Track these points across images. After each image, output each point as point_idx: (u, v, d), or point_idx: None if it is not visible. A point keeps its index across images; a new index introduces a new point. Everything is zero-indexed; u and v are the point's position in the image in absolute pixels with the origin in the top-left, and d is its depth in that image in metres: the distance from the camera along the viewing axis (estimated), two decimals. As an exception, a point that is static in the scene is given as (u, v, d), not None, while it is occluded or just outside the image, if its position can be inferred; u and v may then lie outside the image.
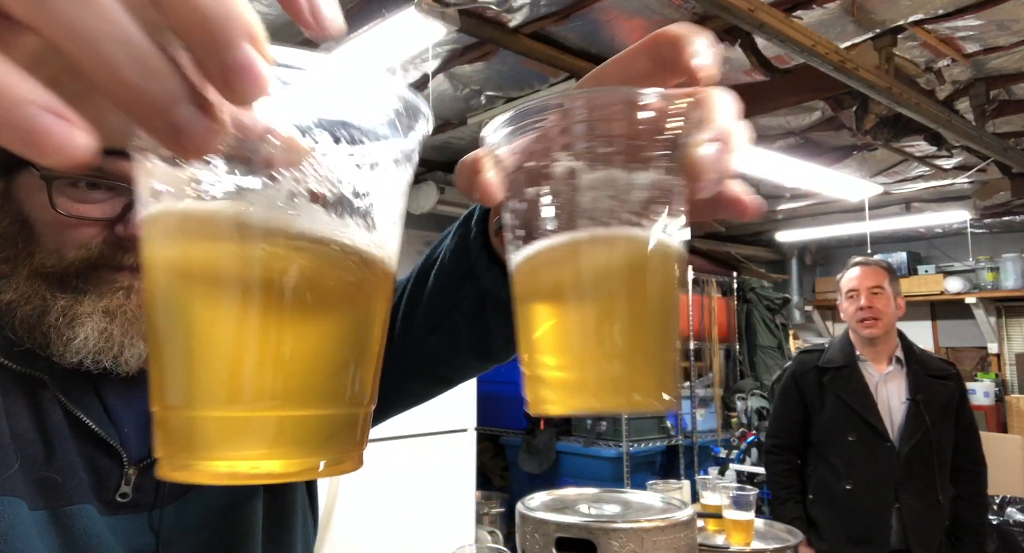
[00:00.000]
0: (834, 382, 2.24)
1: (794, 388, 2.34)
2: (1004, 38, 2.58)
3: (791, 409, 2.33)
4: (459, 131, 3.64)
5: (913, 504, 2.11)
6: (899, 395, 2.23)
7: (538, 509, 1.26)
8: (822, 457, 2.24)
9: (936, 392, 2.21)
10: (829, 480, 2.20)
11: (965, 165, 4.19)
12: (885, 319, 2.22)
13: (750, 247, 6.57)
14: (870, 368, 2.26)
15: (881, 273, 2.27)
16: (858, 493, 2.14)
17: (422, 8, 2.05)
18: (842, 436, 2.19)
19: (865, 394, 2.21)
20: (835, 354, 2.29)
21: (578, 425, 4.00)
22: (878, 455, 2.15)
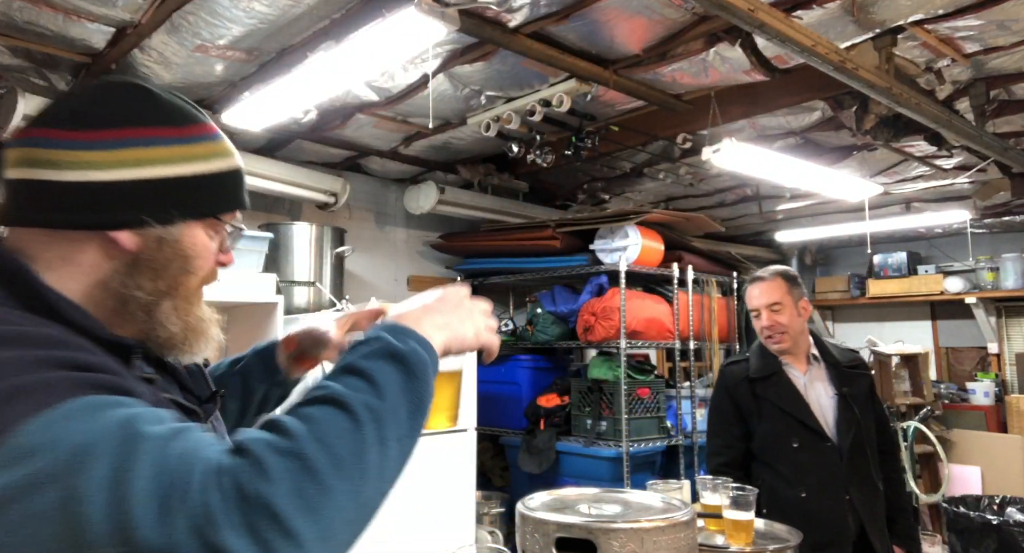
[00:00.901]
0: (766, 391, 2.25)
1: (729, 402, 2.33)
2: (1004, 38, 2.58)
3: (731, 423, 2.32)
4: (459, 131, 3.64)
5: (860, 497, 2.15)
6: (826, 392, 2.26)
7: (538, 509, 1.26)
8: (769, 467, 2.23)
9: (857, 384, 2.27)
10: (781, 491, 2.17)
11: (965, 165, 4.19)
12: (790, 332, 2.27)
13: (750, 247, 6.56)
14: (793, 371, 2.29)
15: (779, 286, 2.29)
16: (812, 498, 2.14)
17: (422, 8, 2.05)
18: (785, 444, 2.19)
19: (797, 397, 2.22)
20: (759, 363, 2.31)
21: (578, 425, 4.00)
22: (823, 457, 2.16)
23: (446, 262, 4.93)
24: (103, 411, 0.61)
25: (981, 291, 5.75)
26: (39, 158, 0.75)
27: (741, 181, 4.70)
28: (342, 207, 4.10)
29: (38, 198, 0.75)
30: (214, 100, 3.14)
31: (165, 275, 0.79)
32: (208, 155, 0.82)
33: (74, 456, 0.57)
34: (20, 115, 2.72)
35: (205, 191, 0.81)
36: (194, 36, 2.48)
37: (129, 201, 0.76)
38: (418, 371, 0.74)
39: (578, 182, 4.91)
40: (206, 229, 0.83)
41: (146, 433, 0.59)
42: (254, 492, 0.58)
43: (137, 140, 0.77)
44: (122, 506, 0.55)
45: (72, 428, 0.58)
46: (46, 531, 0.55)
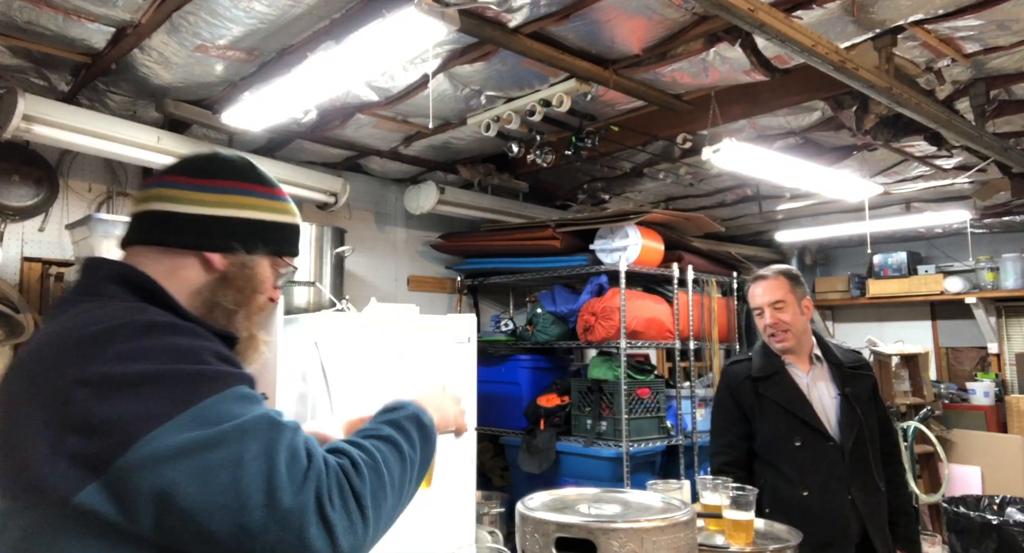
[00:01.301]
0: (769, 390, 2.25)
1: (732, 402, 2.33)
2: (1004, 38, 2.58)
3: (734, 423, 2.32)
4: (459, 131, 3.64)
5: (862, 497, 2.15)
6: (829, 392, 2.26)
7: (538, 509, 1.26)
8: (771, 467, 2.23)
9: (860, 384, 2.27)
10: (783, 490, 2.18)
11: (965, 165, 4.18)
12: (793, 330, 2.27)
13: (750, 247, 6.56)
14: (796, 370, 2.29)
15: (782, 284, 2.29)
16: (814, 498, 2.14)
17: (422, 8, 2.05)
18: (788, 443, 2.19)
19: (800, 397, 2.22)
20: (762, 362, 2.31)
21: (578, 425, 3.99)
22: (826, 456, 2.16)
23: (446, 262, 4.93)
24: (254, 400, 0.88)
25: (981, 291, 5.75)
26: (164, 195, 1.03)
27: (741, 181, 4.70)
28: (342, 207, 4.10)
29: (159, 224, 1.02)
30: (214, 100, 3.14)
31: (243, 291, 1.05)
32: (283, 210, 1.11)
33: (240, 430, 0.82)
34: (20, 115, 2.72)
35: (278, 235, 1.09)
36: (194, 36, 2.48)
37: (225, 232, 1.03)
38: (431, 436, 1.06)
39: (578, 182, 4.91)
40: (271, 264, 1.10)
41: (283, 424, 0.86)
42: (351, 485, 0.87)
43: (237, 190, 1.05)
44: (271, 474, 0.80)
45: (236, 409, 0.84)
46: (218, 480, 0.79)
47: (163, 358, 0.84)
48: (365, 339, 3.10)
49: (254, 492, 0.79)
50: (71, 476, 0.78)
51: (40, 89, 2.98)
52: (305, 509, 0.80)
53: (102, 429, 0.79)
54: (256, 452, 0.81)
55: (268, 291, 1.10)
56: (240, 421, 0.82)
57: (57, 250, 3.37)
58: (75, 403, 0.80)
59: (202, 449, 0.79)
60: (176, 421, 0.80)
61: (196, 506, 0.78)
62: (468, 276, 4.87)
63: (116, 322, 0.87)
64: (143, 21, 2.43)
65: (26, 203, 3.25)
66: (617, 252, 3.96)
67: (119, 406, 0.80)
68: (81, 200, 3.47)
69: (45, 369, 0.84)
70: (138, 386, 0.81)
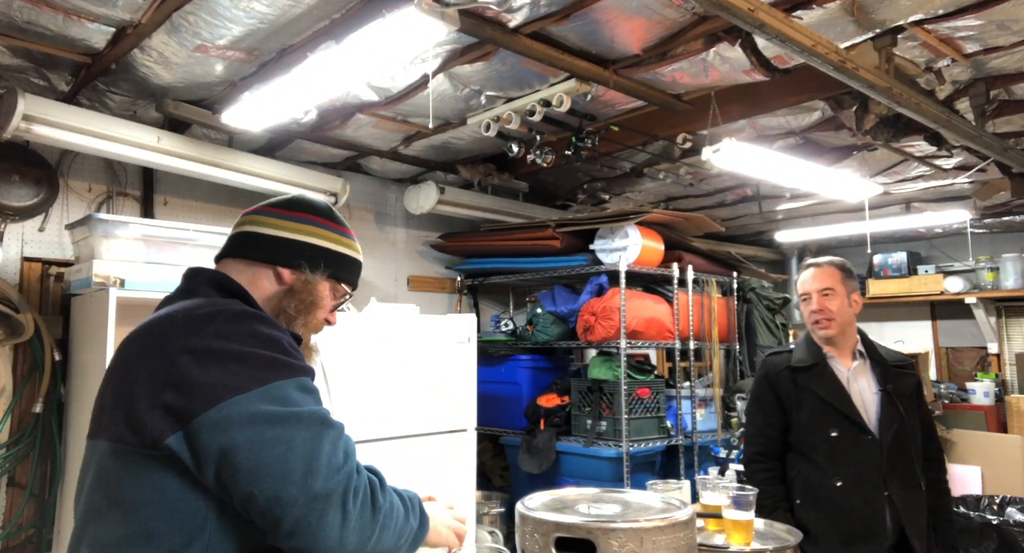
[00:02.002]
0: (808, 381, 2.23)
1: (769, 391, 2.31)
2: (1004, 38, 2.58)
3: (769, 413, 2.30)
4: (459, 131, 3.64)
5: (900, 495, 2.11)
6: (870, 387, 2.23)
7: (538, 509, 1.26)
8: (805, 457, 2.21)
9: (903, 382, 2.24)
10: (816, 480, 2.16)
11: (965, 165, 4.18)
12: (838, 319, 2.25)
13: (750, 247, 6.57)
14: (838, 364, 2.26)
15: (832, 274, 2.28)
16: (848, 489, 2.11)
17: (422, 8, 2.05)
18: (824, 433, 2.17)
19: (839, 390, 2.20)
20: (803, 354, 2.29)
21: (578, 425, 3.99)
22: (862, 449, 2.14)
23: (446, 262, 4.93)
24: (313, 392, 1.07)
25: (981, 291, 5.75)
26: (255, 221, 1.28)
27: (741, 181, 4.70)
28: (342, 207, 4.10)
29: (247, 242, 1.26)
30: (214, 100, 3.14)
31: (304, 302, 1.25)
32: (347, 245, 1.33)
33: (297, 417, 1.01)
34: (20, 115, 2.72)
35: (338, 262, 1.30)
36: (194, 36, 2.48)
37: (297, 252, 1.25)
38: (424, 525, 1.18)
39: (578, 182, 4.91)
40: (331, 288, 1.30)
41: (331, 422, 1.06)
42: (373, 494, 1.05)
43: (310, 221, 1.28)
44: (312, 459, 0.98)
45: (299, 397, 1.04)
46: (271, 452, 0.97)
47: (249, 341, 1.04)
48: (365, 339, 3.10)
49: (295, 470, 0.96)
50: (164, 424, 0.98)
51: (40, 89, 2.98)
52: (332, 495, 0.97)
53: (193, 389, 0.99)
54: (305, 438, 0.99)
55: (325, 310, 1.31)
56: (299, 409, 1.01)
57: (57, 250, 3.37)
58: (177, 366, 1.00)
59: (265, 423, 0.98)
60: (250, 394, 0.99)
61: (247, 468, 0.96)
62: (468, 276, 4.87)
63: (215, 309, 1.09)
64: (143, 21, 2.43)
65: (26, 203, 3.25)
66: (617, 252, 3.96)
67: (209, 373, 1.00)
68: (81, 200, 3.47)
69: (156, 339, 1.07)
70: (227, 360, 1.01)
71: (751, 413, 2.40)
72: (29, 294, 3.24)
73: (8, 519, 3.11)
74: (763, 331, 4.69)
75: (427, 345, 3.34)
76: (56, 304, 3.30)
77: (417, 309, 3.51)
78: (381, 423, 3.08)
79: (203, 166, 3.33)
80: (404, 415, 3.18)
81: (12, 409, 3.13)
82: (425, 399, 3.27)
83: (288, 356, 1.07)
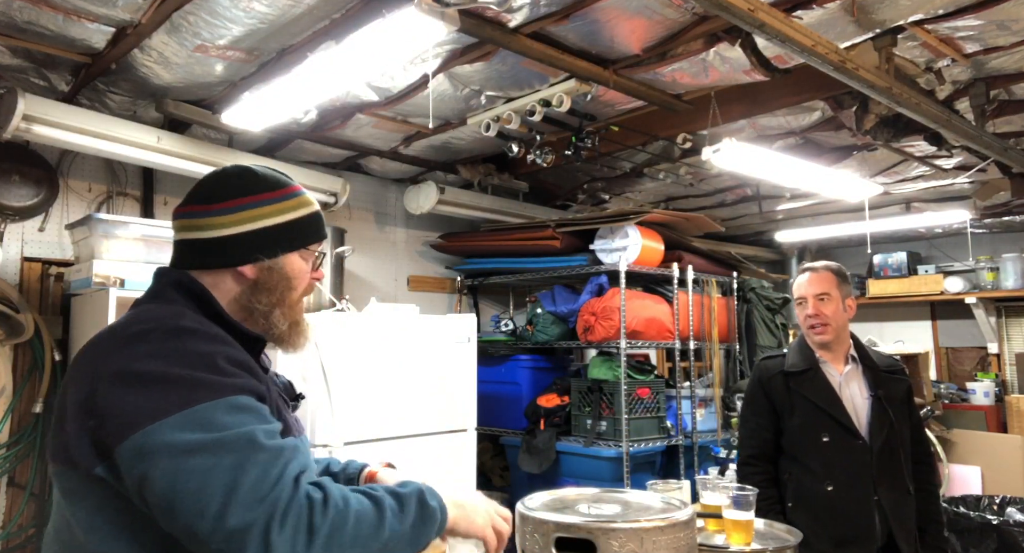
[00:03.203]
0: (801, 385, 2.25)
1: (762, 395, 2.33)
2: (1004, 38, 2.58)
3: (762, 417, 2.32)
4: (459, 131, 3.64)
5: (891, 498, 2.14)
6: (861, 393, 2.26)
7: (538, 509, 1.26)
8: (797, 461, 2.24)
9: (894, 388, 2.27)
10: (808, 484, 2.19)
11: (965, 165, 4.18)
12: (834, 324, 2.26)
13: (750, 247, 6.57)
14: (831, 369, 2.28)
15: (828, 278, 2.30)
16: (839, 493, 2.14)
17: (422, 8, 2.05)
18: (816, 438, 2.19)
19: (831, 395, 2.23)
20: (796, 358, 2.31)
21: (578, 425, 3.99)
22: (853, 454, 2.16)
23: (446, 262, 4.93)
24: (248, 411, 0.98)
25: (981, 291, 5.75)
26: (188, 225, 1.17)
27: (741, 181, 4.70)
28: (342, 207, 4.10)
29: (191, 252, 1.17)
30: (214, 100, 3.15)
31: (275, 291, 1.17)
32: (293, 207, 1.20)
33: (219, 444, 0.91)
34: (20, 115, 2.72)
35: (296, 231, 1.20)
36: (194, 36, 2.48)
37: (247, 246, 1.15)
38: (427, 520, 1.06)
39: (578, 182, 4.91)
40: (301, 256, 1.21)
41: (262, 444, 0.94)
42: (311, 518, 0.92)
43: (245, 206, 1.16)
44: (230, 490, 0.89)
45: (226, 419, 0.94)
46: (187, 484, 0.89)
47: (175, 361, 0.97)
48: (365, 339, 3.10)
49: (211, 502, 0.88)
50: (90, 453, 0.95)
51: (40, 89, 2.98)
52: (250, 529, 0.88)
53: (112, 417, 0.94)
54: (227, 465, 0.90)
55: (303, 280, 1.22)
56: (222, 434, 0.92)
57: (57, 250, 3.37)
58: (99, 391, 0.96)
59: (182, 453, 0.90)
60: (169, 420, 0.92)
61: (164, 501, 0.89)
62: (468, 276, 4.87)
63: (146, 326, 1.02)
64: (143, 21, 2.43)
65: (26, 203, 3.25)
66: (617, 252, 3.96)
67: (129, 399, 0.94)
68: (81, 200, 3.47)
69: (88, 359, 1.02)
70: (149, 383, 0.95)
71: (744, 416, 2.42)
72: (29, 294, 3.24)
73: (8, 519, 3.11)
74: (763, 331, 4.69)
75: (427, 345, 3.34)
76: (56, 304, 3.30)
77: (417, 309, 3.51)
78: (381, 423, 3.08)
79: (203, 166, 3.33)
80: (404, 415, 3.18)
81: (12, 409, 3.13)
82: (425, 399, 3.27)
83: (220, 375, 0.98)
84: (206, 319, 1.09)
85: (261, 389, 1.04)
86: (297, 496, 0.92)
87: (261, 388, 1.04)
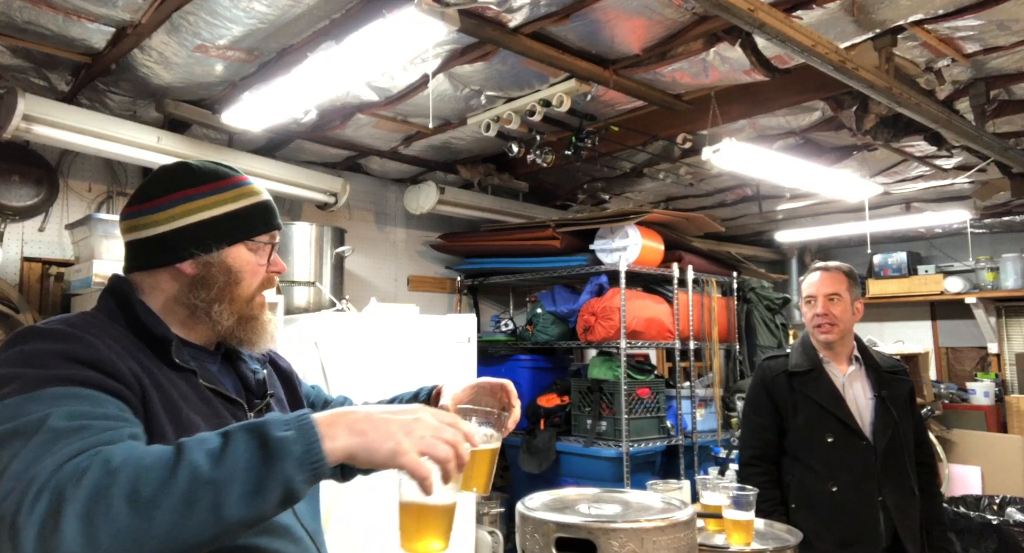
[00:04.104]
0: (804, 385, 2.25)
1: (765, 395, 2.33)
2: (1004, 38, 2.58)
3: (765, 417, 2.32)
4: (459, 131, 3.64)
5: (894, 499, 2.14)
6: (864, 393, 2.26)
7: (538, 509, 1.26)
8: (800, 462, 2.23)
9: (897, 389, 2.27)
10: (811, 484, 2.18)
11: (965, 165, 4.18)
12: (841, 325, 2.26)
13: (750, 247, 6.56)
14: (834, 369, 2.28)
15: (840, 279, 2.29)
16: (843, 494, 2.14)
17: (422, 8, 2.05)
18: (820, 438, 2.19)
19: (835, 395, 2.22)
20: (800, 358, 2.30)
21: (578, 425, 4.00)
22: (857, 454, 2.16)
23: (446, 262, 4.93)
24: (56, 401, 0.86)
25: (981, 291, 5.75)
26: (129, 226, 1.15)
27: (741, 181, 4.70)
28: (342, 207, 4.10)
29: (133, 253, 1.15)
30: (214, 100, 3.14)
31: (216, 286, 1.12)
32: (234, 198, 1.15)
33: (13, 431, 0.83)
34: (20, 115, 2.72)
35: (237, 223, 1.14)
36: (194, 36, 2.48)
37: (182, 242, 1.11)
38: (275, 461, 0.80)
39: (578, 182, 4.91)
40: (249, 249, 1.15)
41: (50, 427, 0.83)
42: (62, 495, 0.76)
43: (177, 200, 1.13)
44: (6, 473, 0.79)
45: (33, 408, 0.85)
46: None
47: (10, 362, 0.93)
48: (365, 339, 3.10)
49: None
50: None
51: (40, 89, 2.98)
52: (3, 516, 0.77)
53: None
54: (6, 455, 0.81)
55: (253, 274, 1.16)
56: (16, 424, 0.84)
57: (57, 250, 3.37)
58: None
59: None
60: None
61: None
62: (468, 276, 4.87)
63: (21, 330, 1.00)
64: (143, 21, 2.43)
65: (26, 203, 3.25)
66: (617, 252, 3.96)
67: None
68: (81, 200, 3.47)
69: None
70: None
71: (747, 417, 2.41)
72: (29, 294, 3.24)
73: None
74: (763, 331, 4.69)
75: (427, 345, 3.34)
76: (56, 304, 3.30)
77: (417, 309, 3.51)
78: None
79: (203, 166, 3.33)
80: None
81: (12, 409, 3.13)
82: (425, 399, 3.27)
83: (42, 368, 0.90)
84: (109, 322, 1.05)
85: (108, 384, 0.93)
86: (60, 471, 0.78)
87: (109, 383, 0.93)
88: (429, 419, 0.89)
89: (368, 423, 0.86)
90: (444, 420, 0.91)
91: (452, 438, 0.89)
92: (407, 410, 0.90)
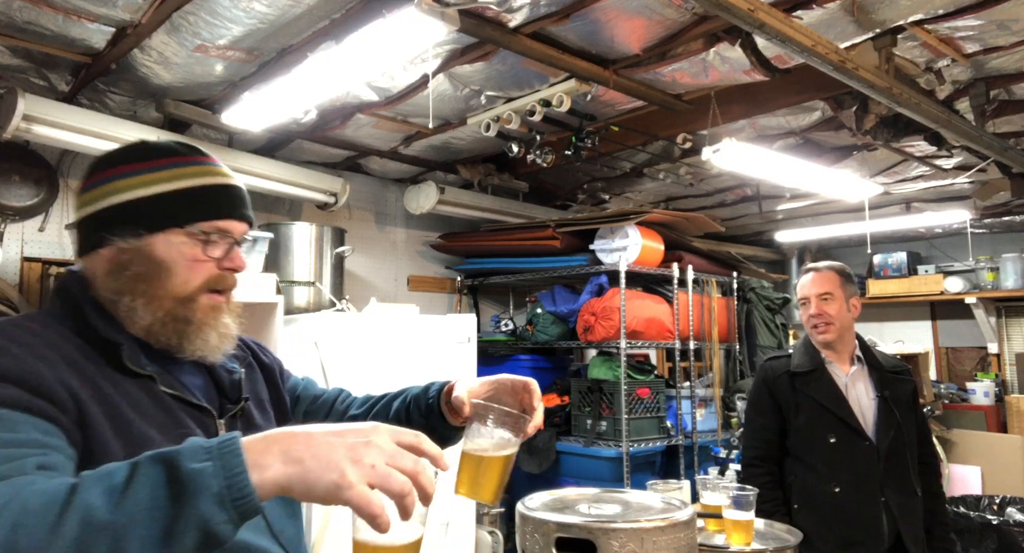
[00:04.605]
0: (807, 386, 2.24)
1: (767, 396, 2.32)
2: (1004, 38, 2.58)
3: (768, 417, 2.31)
4: (459, 131, 3.64)
5: (897, 500, 2.13)
6: (867, 393, 2.25)
7: (538, 509, 1.26)
8: (803, 462, 2.23)
9: (900, 389, 2.27)
10: (813, 485, 2.18)
11: (965, 165, 4.18)
12: (837, 324, 2.26)
13: (750, 247, 6.56)
14: (836, 369, 2.28)
15: (831, 278, 2.29)
16: (846, 494, 2.13)
17: (422, 8, 2.05)
18: (822, 439, 2.19)
19: (838, 395, 2.22)
20: (802, 359, 2.30)
21: (578, 425, 4.00)
22: (860, 454, 2.16)
23: (446, 262, 4.93)
24: None
25: (981, 291, 5.75)
26: (75, 206, 1.04)
27: (741, 181, 4.70)
28: (342, 207, 4.10)
29: (73, 236, 1.06)
30: (214, 100, 3.14)
31: (124, 277, 0.97)
32: (171, 178, 0.99)
33: None
34: (20, 115, 2.72)
35: (172, 206, 0.98)
36: (194, 36, 2.48)
37: (101, 226, 0.98)
38: (186, 498, 0.66)
39: (578, 182, 4.91)
40: (188, 238, 0.99)
41: None
42: None
43: (105, 179, 0.99)
44: None
45: None
46: None
47: None
48: (365, 339, 3.10)
49: None
50: None
51: (40, 89, 2.98)
52: None
53: None
54: None
55: (192, 267, 0.99)
56: None
57: (57, 250, 3.37)
58: None
59: None
60: None
61: None
62: (468, 276, 4.87)
63: None
64: (143, 21, 2.43)
65: (26, 203, 3.25)
66: (617, 252, 3.96)
67: None
68: (81, 200, 3.47)
69: None
70: None
71: (749, 417, 2.41)
72: (29, 294, 3.24)
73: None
74: (763, 331, 4.69)
75: (427, 345, 3.34)
76: (56, 304, 3.29)
77: (417, 309, 3.51)
78: (381, 423, 3.08)
79: (203, 166, 3.33)
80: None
81: (12, 409, 3.13)
82: (425, 399, 3.27)
83: None
84: (54, 325, 0.94)
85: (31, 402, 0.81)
86: None
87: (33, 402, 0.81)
88: (384, 442, 0.72)
89: (307, 449, 0.69)
90: (404, 441, 0.74)
91: (411, 468, 0.72)
92: (359, 430, 0.73)
